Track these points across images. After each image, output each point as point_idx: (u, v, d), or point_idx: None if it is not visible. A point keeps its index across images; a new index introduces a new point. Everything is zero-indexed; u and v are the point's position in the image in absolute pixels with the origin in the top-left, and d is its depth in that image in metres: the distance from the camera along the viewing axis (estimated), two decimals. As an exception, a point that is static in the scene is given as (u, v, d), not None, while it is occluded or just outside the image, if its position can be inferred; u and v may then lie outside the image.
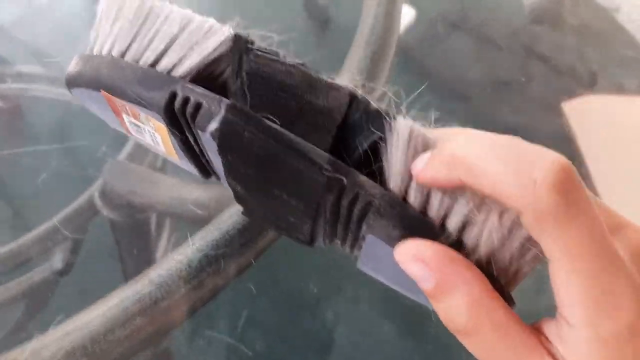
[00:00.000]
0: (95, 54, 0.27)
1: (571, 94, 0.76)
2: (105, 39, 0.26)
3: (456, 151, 0.20)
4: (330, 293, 0.54)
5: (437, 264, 0.19)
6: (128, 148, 0.67)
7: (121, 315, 0.36)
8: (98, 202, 0.64)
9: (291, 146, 0.21)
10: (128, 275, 0.64)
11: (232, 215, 0.43)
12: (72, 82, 0.27)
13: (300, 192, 0.23)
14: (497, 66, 0.83)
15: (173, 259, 0.40)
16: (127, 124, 0.28)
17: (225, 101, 0.22)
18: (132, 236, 0.67)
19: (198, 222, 0.47)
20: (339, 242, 0.25)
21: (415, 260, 0.20)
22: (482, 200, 0.20)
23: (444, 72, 0.83)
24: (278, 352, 0.47)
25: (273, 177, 0.23)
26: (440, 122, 0.23)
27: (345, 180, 0.21)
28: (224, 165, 0.24)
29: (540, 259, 0.20)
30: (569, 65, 0.81)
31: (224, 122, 0.22)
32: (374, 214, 0.21)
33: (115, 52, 0.26)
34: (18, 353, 0.34)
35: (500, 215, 0.20)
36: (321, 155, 0.21)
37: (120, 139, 0.67)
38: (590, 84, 0.79)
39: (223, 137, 0.23)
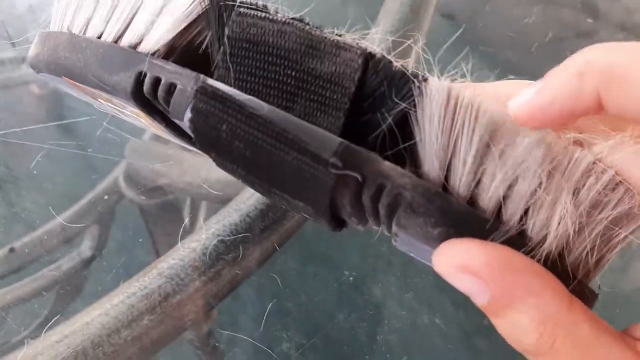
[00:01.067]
0: (55, 30, 0.22)
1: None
2: (65, 11, 0.22)
3: (589, 56, 0.16)
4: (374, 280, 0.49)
5: (491, 274, 0.15)
6: (151, 126, 0.64)
7: (127, 314, 0.32)
8: (123, 185, 0.61)
9: (284, 138, 0.17)
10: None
11: (253, 194, 0.37)
12: (35, 67, 0.23)
13: (306, 195, 0.18)
14: (560, 10, 0.74)
15: (185, 247, 0.35)
16: (109, 108, 0.24)
17: (202, 79, 0.18)
18: (163, 220, 0.64)
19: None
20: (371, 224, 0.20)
21: (462, 272, 0.15)
22: (550, 173, 0.16)
23: (494, 30, 0.74)
24: (309, 354, 0.42)
25: (267, 179, 0.18)
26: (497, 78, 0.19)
27: (359, 177, 0.16)
28: (213, 160, 0.19)
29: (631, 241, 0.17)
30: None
31: (195, 112, 0.18)
32: (405, 210, 0.16)
33: (75, 28, 0.21)
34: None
35: (575, 194, 0.16)
36: (327, 144, 0.16)
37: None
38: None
39: (197, 131, 0.18)
